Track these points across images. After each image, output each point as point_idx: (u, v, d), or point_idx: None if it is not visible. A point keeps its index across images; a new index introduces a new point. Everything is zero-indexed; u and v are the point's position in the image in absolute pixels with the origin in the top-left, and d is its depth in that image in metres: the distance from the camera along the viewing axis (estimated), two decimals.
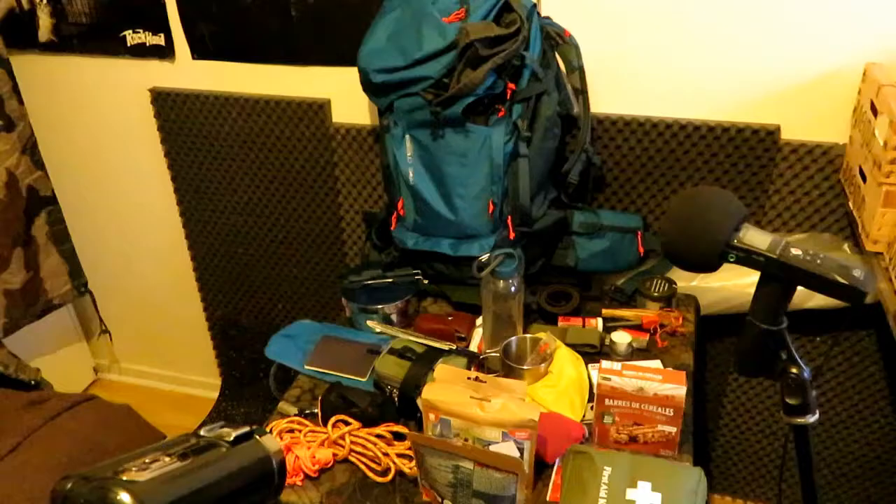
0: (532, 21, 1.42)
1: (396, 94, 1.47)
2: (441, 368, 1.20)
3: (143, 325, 2.40)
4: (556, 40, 1.49)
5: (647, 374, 1.16)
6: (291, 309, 2.14)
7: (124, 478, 0.45)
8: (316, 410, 1.31)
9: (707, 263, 0.62)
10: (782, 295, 0.60)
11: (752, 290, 1.57)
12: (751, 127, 1.52)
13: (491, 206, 1.48)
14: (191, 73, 1.87)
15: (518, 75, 1.43)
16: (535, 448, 1.10)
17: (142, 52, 1.87)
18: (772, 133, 1.52)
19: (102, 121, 2.03)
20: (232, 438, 0.51)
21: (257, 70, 1.81)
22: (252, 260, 2.09)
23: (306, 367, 1.42)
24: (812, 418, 0.61)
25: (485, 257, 1.36)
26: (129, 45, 1.87)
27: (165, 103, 1.91)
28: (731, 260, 0.61)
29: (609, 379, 1.16)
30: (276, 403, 2.29)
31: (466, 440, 1.11)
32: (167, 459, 0.47)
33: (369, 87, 1.49)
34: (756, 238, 0.59)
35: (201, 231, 2.09)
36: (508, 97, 1.44)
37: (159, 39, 1.85)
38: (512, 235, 1.49)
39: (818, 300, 1.54)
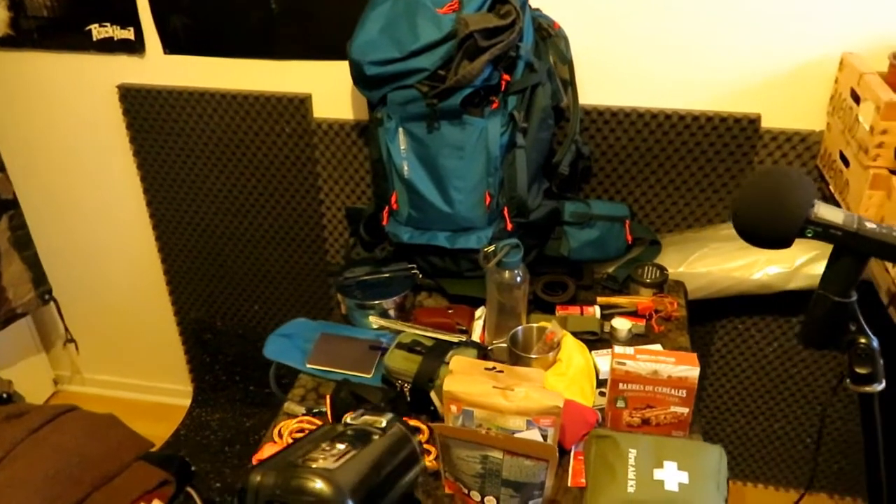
0: (525, 12, 1.43)
1: (390, 86, 1.45)
2: (457, 360, 1.20)
3: (110, 333, 2.31)
4: (548, 31, 1.50)
5: (660, 357, 1.18)
6: (269, 310, 2.09)
7: (314, 465, 0.44)
8: (324, 409, 1.29)
9: (785, 239, 0.64)
10: (856, 268, 0.62)
11: (737, 273, 1.63)
12: (733, 116, 1.57)
13: (488, 198, 1.48)
14: (162, 69, 1.81)
15: (513, 67, 1.44)
16: (558, 434, 1.11)
17: (109, 46, 1.80)
18: (753, 121, 1.57)
19: (67, 120, 1.94)
20: (384, 425, 0.50)
21: (234, 64, 1.77)
22: (228, 261, 2.03)
23: (308, 365, 1.40)
24: (879, 386, 0.64)
25: (490, 248, 1.36)
26: (94, 39, 1.79)
27: (135, 100, 1.84)
28: (809, 235, 0.63)
29: (624, 363, 1.18)
30: (252, 408, 2.25)
31: (488, 430, 1.11)
32: (341, 447, 0.46)
33: (362, 79, 1.47)
34: (830, 213, 0.62)
35: (173, 232, 2.02)
36: (503, 89, 1.44)
37: (128, 33, 1.77)
38: (510, 226, 1.50)
39: (798, 282, 1.60)
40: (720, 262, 1.64)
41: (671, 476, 1.04)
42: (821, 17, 1.46)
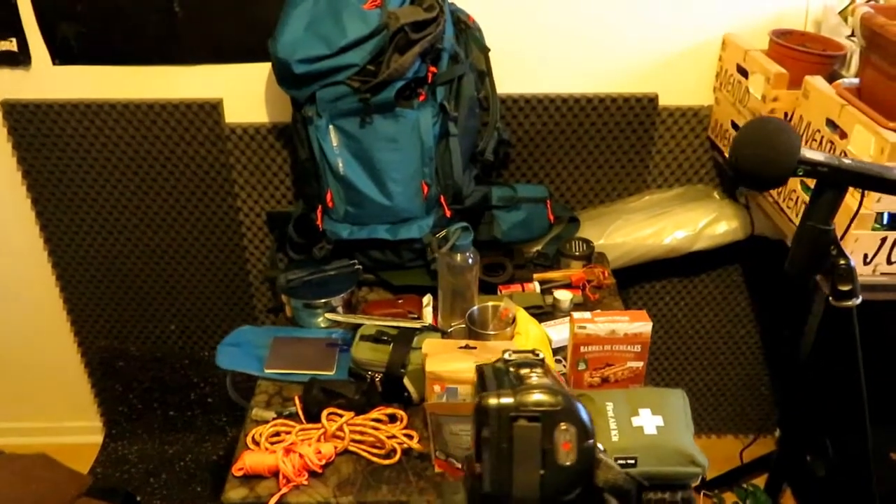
0: (446, 5, 1.48)
1: (319, 83, 1.45)
2: (429, 343, 1.23)
3: (1, 374, 2.11)
4: (465, 24, 1.56)
5: (615, 318, 1.27)
6: (187, 328, 2.00)
7: (535, 382, 0.46)
8: (293, 410, 1.27)
9: (781, 178, 0.74)
10: (836, 198, 0.73)
11: (650, 240, 1.77)
12: (634, 96, 1.71)
13: (425, 188, 1.52)
14: (52, 81, 1.69)
15: (438, 59, 1.49)
16: None
17: None
18: (652, 100, 1.72)
19: None
20: (541, 357, 0.53)
21: (136, 73, 1.68)
22: (138, 281, 1.92)
23: (267, 371, 1.37)
24: (857, 301, 0.75)
25: (441, 233, 1.40)
26: None
27: (22, 117, 1.70)
28: (800, 174, 0.73)
29: (584, 327, 1.26)
30: (173, 434, 2.14)
31: None
32: (539, 370, 0.49)
33: (290, 78, 1.45)
34: (815, 155, 0.72)
35: (73, 257, 1.89)
36: (430, 81, 1.49)
37: (10, 45, 1.64)
38: (448, 214, 1.54)
39: (703, 242, 1.76)
40: (633, 231, 1.77)
41: (648, 421, 1.13)
42: (701, 4, 1.63)
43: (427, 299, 1.53)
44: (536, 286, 1.58)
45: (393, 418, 1.24)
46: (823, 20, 1.60)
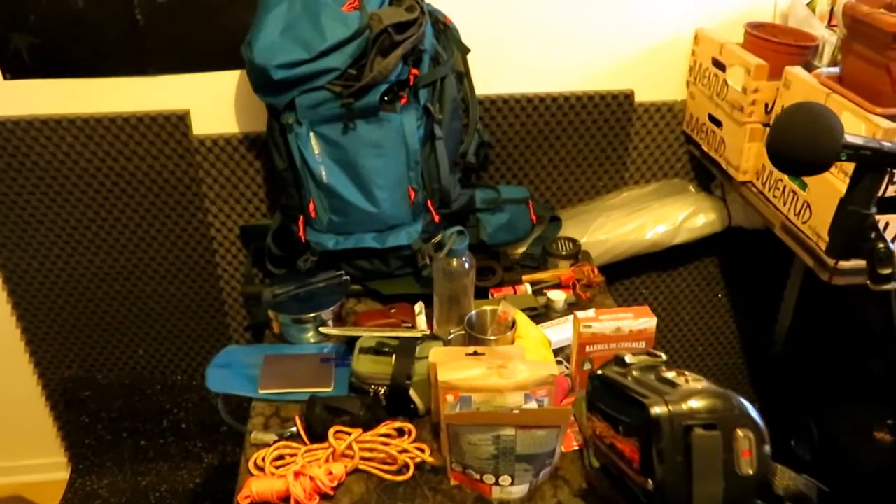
0: (425, 6, 1.45)
1: (298, 89, 1.40)
2: (435, 352, 1.19)
3: None
4: (444, 24, 1.53)
5: (619, 315, 1.26)
6: (157, 351, 1.91)
7: (696, 386, 0.43)
8: (294, 431, 1.21)
9: (826, 163, 0.73)
10: (877, 181, 0.73)
11: (632, 236, 1.77)
12: (611, 93, 1.71)
13: (412, 193, 1.48)
14: (3, 97, 1.58)
15: (419, 61, 1.45)
16: (552, 402, 1.14)
17: None
18: (628, 97, 1.72)
19: None
20: (664, 358, 0.50)
21: (96, 85, 1.59)
22: (102, 305, 1.82)
23: (261, 391, 1.30)
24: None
25: (437, 238, 1.36)
26: None
27: None
28: (843, 158, 0.72)
29: (590, 326, 1.25)
30: (145, 464, 2.04)
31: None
32: (685, 373, 0.46)
33: (268, 85, 1.40)
34: (855, 138, 0.72)
35: (31, 283, 1.77)
36: (412, 83, 1.45)
37: None
38: (437, 218, 1.51)
39: (683, 235, 1.78)
40: (615, 228, 1.77)
41: None
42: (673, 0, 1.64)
43: (418, 307, 1.49)
44: (528, 288, 1.56)
45: (401, 432, 1.20)
46: (791, 12, 1.63)
